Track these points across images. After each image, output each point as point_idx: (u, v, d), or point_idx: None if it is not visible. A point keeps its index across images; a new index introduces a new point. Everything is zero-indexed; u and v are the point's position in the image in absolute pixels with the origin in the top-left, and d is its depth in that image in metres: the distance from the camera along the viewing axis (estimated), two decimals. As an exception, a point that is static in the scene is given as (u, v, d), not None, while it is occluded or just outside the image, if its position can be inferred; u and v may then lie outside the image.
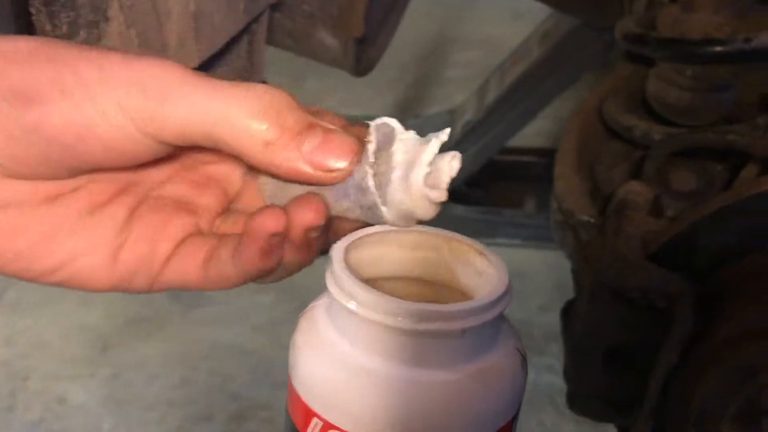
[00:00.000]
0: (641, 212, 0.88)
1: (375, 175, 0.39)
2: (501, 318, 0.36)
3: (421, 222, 0.41)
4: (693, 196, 1.27)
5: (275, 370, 2.10)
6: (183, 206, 0.46)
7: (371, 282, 0.39)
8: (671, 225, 0.80)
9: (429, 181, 0.39)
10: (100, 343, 2.13)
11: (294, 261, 0.44)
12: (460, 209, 2.12)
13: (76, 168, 0.40)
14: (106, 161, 0.40)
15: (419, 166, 0.38)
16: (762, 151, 0.85)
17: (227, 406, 2.00)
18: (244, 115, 0.38)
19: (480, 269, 0.40)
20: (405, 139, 0.39)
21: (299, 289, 2.36)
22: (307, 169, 0.40)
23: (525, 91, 2.08)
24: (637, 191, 0.93)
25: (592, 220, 0.99)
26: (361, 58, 1.42)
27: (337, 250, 0.40)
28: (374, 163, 0.39)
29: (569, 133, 1.14)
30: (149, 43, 0.77)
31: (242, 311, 2.22)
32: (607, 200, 1.05)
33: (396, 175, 0.39)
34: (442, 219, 0.41)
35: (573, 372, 0.87)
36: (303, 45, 1.23)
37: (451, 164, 0.39)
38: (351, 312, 0.36)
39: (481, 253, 0.39)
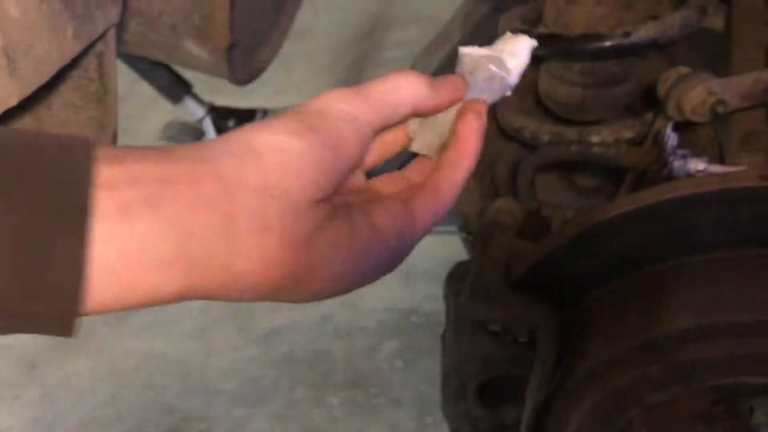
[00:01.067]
0: (508, 234, 0.82)
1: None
2: None
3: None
4: (597, 193, 1.22)
5: (209, 378, 2.04)
6: None
7: None
8: (535, 248, 0.75)
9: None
10: (26, 362, 2.06)
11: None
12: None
13: None
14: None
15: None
16: (630, 162, 0.79)
17: (161, 421, 1.94)
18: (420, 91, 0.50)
19: None
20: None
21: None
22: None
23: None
24: (505, 209, 0.87)
25: (470, 238, 0.93)
26: (248, 62, 1.34)
27: None
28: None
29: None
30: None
31: (172, 318, 2.15)
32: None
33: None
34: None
35: (447, 398, 0.82)
36: (174, 57, 1.16)
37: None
38: None
39: None
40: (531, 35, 1.06)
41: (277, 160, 0.42)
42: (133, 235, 0.38)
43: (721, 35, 1.26)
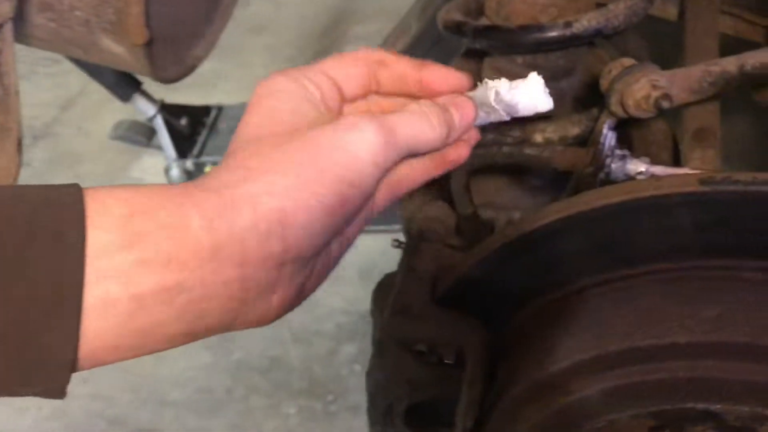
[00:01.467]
0: (435, 244, 0.75)
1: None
2: None
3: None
4: (548, 191, 1.15)
5: (160, 388, 1.96)
6: None
7: None
8: (461, 261, 0.68)
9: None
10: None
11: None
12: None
13: None
14: None
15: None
16: (563, 164, 0.72)
17: (109, 435, 1.86)
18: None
19: None
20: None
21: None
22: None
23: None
24: (433, 217, 0.80)
25: (401, 246, 0.86)
26: (178, 58, 1.26)
27: None
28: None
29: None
30: None
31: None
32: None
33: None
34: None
35: (373, 420, 0.75)
36: (92, 54, 1.08)
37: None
38: None
39: None
40: (470, 27, 1.00)
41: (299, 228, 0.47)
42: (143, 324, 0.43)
43: (676, 24, 1.20)
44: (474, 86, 0.60)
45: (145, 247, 0.41)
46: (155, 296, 0.41)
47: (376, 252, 2.14)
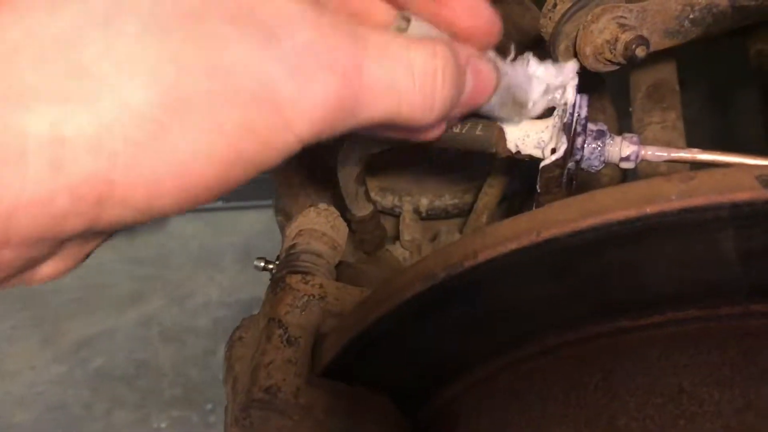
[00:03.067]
0: (314, 279, 0.49)
1: None
2: None
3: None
4: (458, 168, 0.91)
5: (3, 408, 1.67)
6: None
7: None
8: (361, 310, 0.42)
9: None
10: None
11: None
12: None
13: None
14: None
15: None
16: (506, 151, 0.47)
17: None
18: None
19: None
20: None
21: (34, 297, 1.90)
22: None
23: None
24: (310, 232, 0.53)
25: (272, 268, 0.60)
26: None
27: None
28: None
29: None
30: None
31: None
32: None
33: None
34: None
35: None
36: None
37: None
38: None
39: None
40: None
41: None
42: None
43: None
44: None
45: None
46: None
47: (252, 232, 1.90)
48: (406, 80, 0.34)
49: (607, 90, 0.86)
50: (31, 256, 0.30)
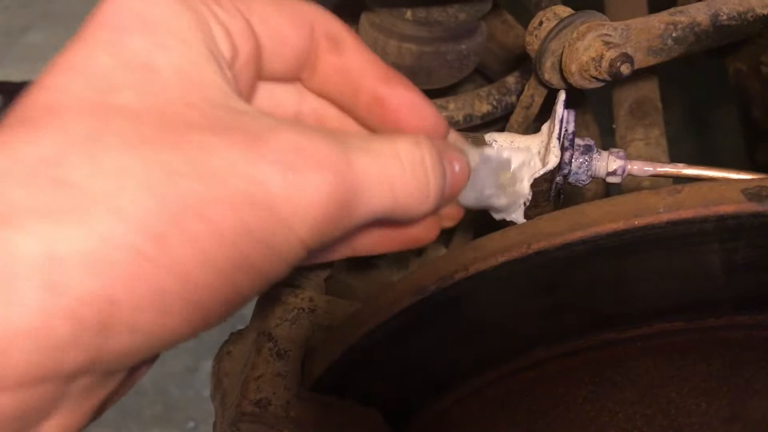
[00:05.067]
0: (303, 293, 0.49)
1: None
2: None
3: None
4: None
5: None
6: None
7: None
8: (351, 323, 0.42)
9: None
10: None
11: None
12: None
13: None
14: None
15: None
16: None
17: None
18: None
19: None
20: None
21: None
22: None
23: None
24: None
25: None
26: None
27: None
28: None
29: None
30: None
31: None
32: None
33: None
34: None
35: None
36: None
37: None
38: None
39: None
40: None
41: None
42: None
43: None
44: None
45: None
46: None
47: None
48: (397, 169, 0.33)
49: (590, 106, 0.87)
50: (31, 406, 0.27)
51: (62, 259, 0.25)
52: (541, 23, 0.60)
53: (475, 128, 0.78)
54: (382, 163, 0.33)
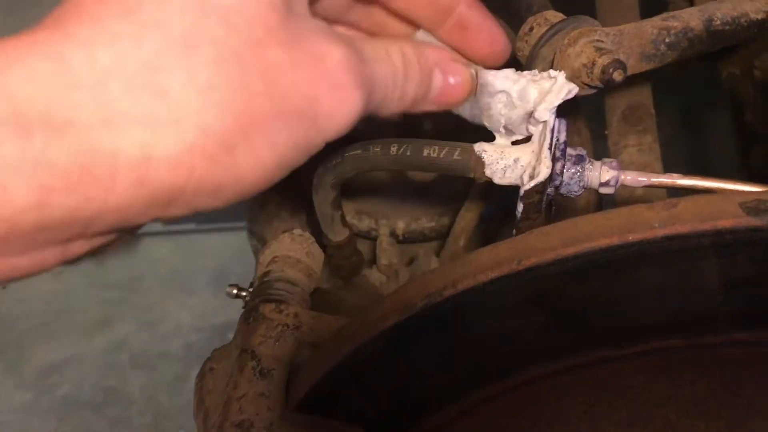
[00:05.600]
0: (292, 307, 0.48)
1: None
2: None
3: None
4: (435, 190, 0.90)
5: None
6: None
7: None
8: (336, 342, 0.40)
9: None
10: None
11: None
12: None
13: None
14: None
15: None
16: (484, 175, 0.46)
17: None
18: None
19: None
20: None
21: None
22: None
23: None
24: (285, 259, 0.52)
25: (245, 296, 0.58)
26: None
27: None
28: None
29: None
30: None
31: None
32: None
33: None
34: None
35: None
36: None
37: None
38: None
39: None
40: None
41: None
42: None
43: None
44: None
45: None
46: None
47: (225, 254, 1.87)
48: (390, 71, 0.40)
49: (581, 112, 0.86)
50: (98, 245, 0.34)
51: (153, 160, 0.31)
52: (531, 29, 0.59)
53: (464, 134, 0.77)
54: (384, 68, 0.40)
